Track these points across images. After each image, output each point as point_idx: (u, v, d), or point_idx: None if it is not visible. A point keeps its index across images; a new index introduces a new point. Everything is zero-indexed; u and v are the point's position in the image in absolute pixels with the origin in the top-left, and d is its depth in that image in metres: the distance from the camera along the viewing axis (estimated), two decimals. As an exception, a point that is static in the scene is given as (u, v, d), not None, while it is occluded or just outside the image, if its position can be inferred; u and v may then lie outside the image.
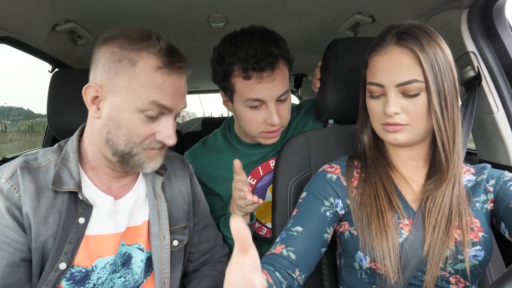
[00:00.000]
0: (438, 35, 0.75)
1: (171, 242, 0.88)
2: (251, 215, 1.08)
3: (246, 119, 1.06)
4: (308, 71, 2.72)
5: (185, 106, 0.80)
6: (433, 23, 1.19)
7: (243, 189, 0.94)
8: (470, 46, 1.09)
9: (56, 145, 0.83)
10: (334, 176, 0.84)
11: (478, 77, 1.08)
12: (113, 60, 0.73)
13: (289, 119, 1.11)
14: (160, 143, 0.78)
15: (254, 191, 1.19)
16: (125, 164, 0.78)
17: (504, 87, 1.07)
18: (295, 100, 3.63)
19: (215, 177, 1.18)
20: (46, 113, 1.06)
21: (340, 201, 0.82)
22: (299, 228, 0.79)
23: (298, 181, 0.99)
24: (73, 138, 0.82)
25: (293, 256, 0.76)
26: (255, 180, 1.19)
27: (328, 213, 0.81)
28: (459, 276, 0.74)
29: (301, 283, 0.77)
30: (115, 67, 0.72)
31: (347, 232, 0.81)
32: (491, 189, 0.78)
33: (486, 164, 0.84)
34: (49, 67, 1.74)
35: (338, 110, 1.05)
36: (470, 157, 1.29)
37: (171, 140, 0.77)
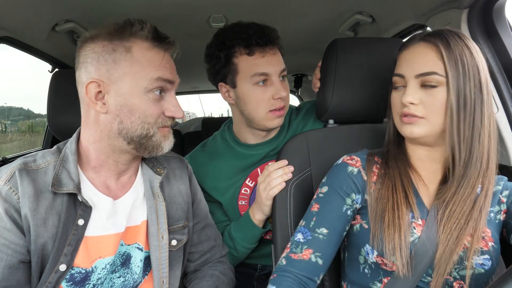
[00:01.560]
0: (471, 41, 0.75)
1: (170, 242, 0.87)
2: (265, 224, 1.10)
3: (254, 99, 1.08)
4: (308, 71, 2.72)
5: (179, 82, 0.84)
6: (433, 23, 1.19)
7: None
8: (470, 46, 1.09)
9: (55, 147, 0.83)
10: (355, 170, 0.84)
11: (478, 77, 1.08)
12: (107, 52, 0.75)
13: (289, 101, 1.15)
14: (171, 119, 0.81)
15: (252, 193, 1.19)
16: (143, 149, 0.80)
17: (504, 87, 1.07)
18: (295, 100, 3.62)
19: (216, 187, 1.19)
20: (46, 113, 1.06)
21: (360, 196, 0.82)
22: (324, 230, 0.79)
23: (298, 181, 0.99)
24: (72, 140, 0.82)
25: (320, 261, 0.77)
26: (254, 182, 1.19)
27: (349, 212, 0.81)
28: (462, 283, 0.73)
29: (319, 282, 0.79)
30: (112, 58, 0.74)
31: (357, 225, 0.81)
32: (504, 200, 0.78)
33: (503, 176, 0.83)
34: (49, 67, 1.74)
35: (338, 110, 1.04)
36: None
37: (180, 113, 0.81)
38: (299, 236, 0.80)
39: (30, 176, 0.74)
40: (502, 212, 0.78)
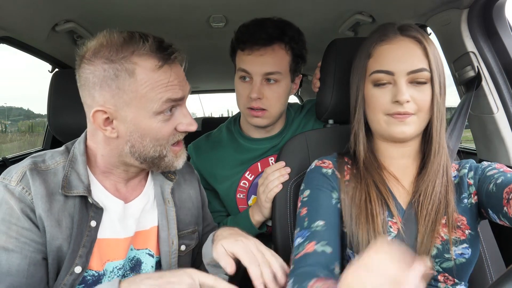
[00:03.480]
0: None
1: (179, 247, 0.87)
2: (262, 226, 1.11)
3: (237, 92, 1.15)
4: (308, 71, 2.72)
5: (190, 88, 0.80)
6: (433, 23, 1.19)
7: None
8: (470, 46, 1.09)
9: (63, 147, 0.81)
10: (329, 170, 0.84)
11: (478, 77, 1.08)
12: (110, 77, 0.69)
13: (278, 106, 1.13)
14: (183, 134, 0.79)
15: (251, 186, 1.20)
16: (156, 167, 0.78)
17: (504, 87, 1.07)
18: (295, 100, 3.63)
19: (214, 174, 1.21)
20: (46, 113, 1.06)
21: (338, 194, 0.82)
22: (321, 222, 0.75)
23: (298, 181, 0.99)
24: (80, 140, 0.80)
25: (329, 249, 0.72)
26: (253, 176, 1.20)
27: (338, 205, 0.80)
28: (447, 274, 0.74)
29: (338, 271, 0.72)
30: (115, 84, 0.69)
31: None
32: (471, 181, 0.78)
33: (469, 159, 0.84)
34: (49, 67, 1.74)
35: (338, 110, 1.04)
36: (470, 157, 1.29)
37: (193, 126, 0.78)
38: (298, 240, 0.76)
39: (41, 177, 0.72)
40: (472, 195, 0.78)
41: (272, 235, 1.01)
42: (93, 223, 0.74)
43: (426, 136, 0.80)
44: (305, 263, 0.69)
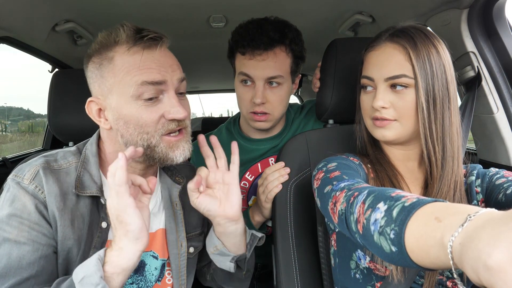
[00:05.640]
0: (437, 38, 0.75)
1: (188, 249, 0.87)
2: (262, 226, 1.11)
3: (239, 96, 1.14)
4: (308, 71, 2.72)
5: (181, 77, 0.76)
6: (433, 23, 1.19)
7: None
8: (470, 46, 1.09)
9: (74, 148, 0.82)
10: (357, 161, 0.81)
11: (478, 77, 1.08)
12: (96, 68, 0.73)
13: (281, 109, 1.13)
14: (174, 123, 0.73)
15: (251, 187, 1.20)
16: (152, 160, 0.76)
17: (504, 87, 1.07)
18: (295, 100, 3.63)
19: None
20: (46, 113, 1.06)
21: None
22: (362, 183, 0.68)
23: (298, 181, 0.99)
24: (92, 141, 0.81)
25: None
26: (253, 177, 1.20)
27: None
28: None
29: None
30: (100, 73, 0.73)
31: None
32: (479, 189, 0.78)
33: (476, 165, 0.84)
34: (49, 67, 1.74)
35: (338, 110, 1.05)
36: (470, 157, 1.29)
37: (180, 114, 0.72)
38: (332, 186, 0.69)
39: (54, 176, 0.72)
40: (479, 203, 0.77)
41: (272, 235, 1.00)
42: (104, 224, 0.75)
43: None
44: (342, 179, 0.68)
